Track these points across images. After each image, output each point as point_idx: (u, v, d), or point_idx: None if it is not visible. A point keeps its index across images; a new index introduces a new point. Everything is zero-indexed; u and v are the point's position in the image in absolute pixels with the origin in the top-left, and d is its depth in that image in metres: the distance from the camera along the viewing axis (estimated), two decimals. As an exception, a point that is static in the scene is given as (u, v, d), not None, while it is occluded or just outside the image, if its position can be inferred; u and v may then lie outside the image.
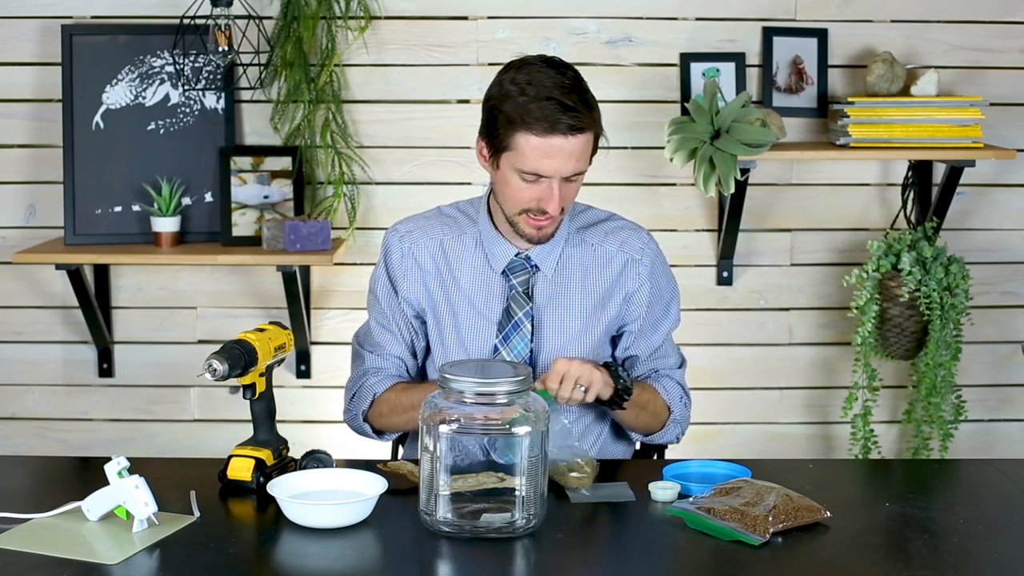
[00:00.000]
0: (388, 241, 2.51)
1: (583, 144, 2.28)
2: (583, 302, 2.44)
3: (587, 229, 2.48)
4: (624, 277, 2.46)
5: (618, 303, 2.46)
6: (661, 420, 2.48)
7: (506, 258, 2.43)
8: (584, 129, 2.27)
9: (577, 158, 2.28)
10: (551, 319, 2.43)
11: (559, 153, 2.26)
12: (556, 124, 2.24)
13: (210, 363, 2.11)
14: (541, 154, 2.26)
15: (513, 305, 2.42)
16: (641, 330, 2.49)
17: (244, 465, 2.16)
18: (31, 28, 3.59)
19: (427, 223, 2.51)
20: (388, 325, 2.50)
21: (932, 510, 2.11)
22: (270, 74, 3.54)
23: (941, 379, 3.49)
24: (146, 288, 3.68)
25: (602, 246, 2.46)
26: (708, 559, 1.92)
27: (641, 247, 2.48)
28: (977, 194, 3.69)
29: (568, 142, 2.26)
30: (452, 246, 2.47)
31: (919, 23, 3.62)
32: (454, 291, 2.45)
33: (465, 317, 2.44)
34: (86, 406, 3.72)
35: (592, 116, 2.28)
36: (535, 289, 2.43)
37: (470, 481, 2.00)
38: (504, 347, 2.42)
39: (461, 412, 1.97)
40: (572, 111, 2.25)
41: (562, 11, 3.60)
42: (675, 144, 3.39)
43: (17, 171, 3.64)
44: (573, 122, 2.25)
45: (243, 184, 3.55)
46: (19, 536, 1.95)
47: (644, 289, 2.47)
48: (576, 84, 2.29)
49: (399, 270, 2.48)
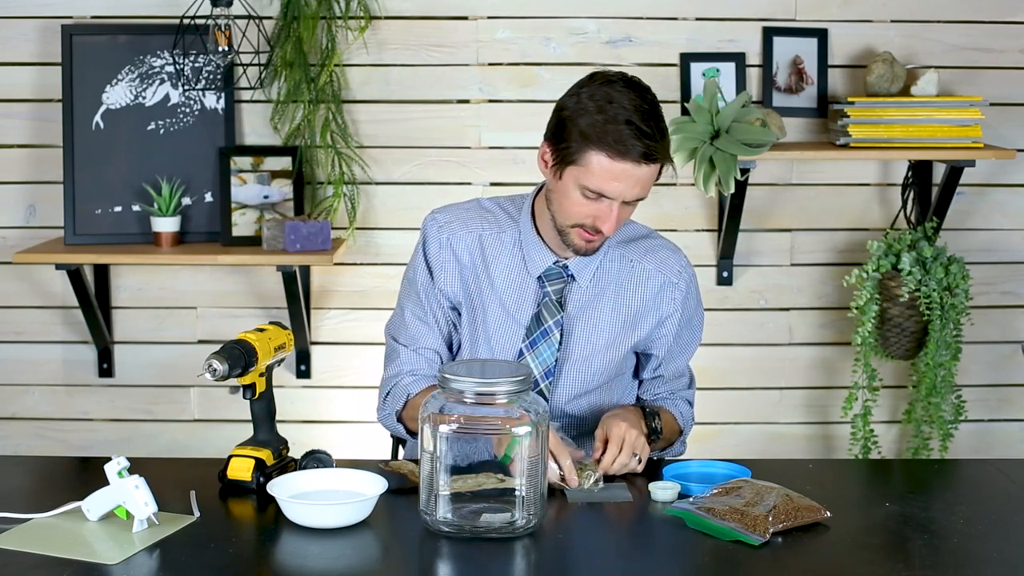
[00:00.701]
0: (427, 230, 2.48)
1: (652, 172, 2.27)
2: (614, 316, 2.44)
3: (627, 244, 2.47)
4: (660, 299, 2.46)
5: (651, 324, 2.46)
6: (671, 442, 2.50)
7: (544, 264, 2.42)
8: (656, 159, 2.25)
9: (643, 185, 2.27)
10: (581, 330, 2.42)
11: (628, 178, 2.24)
12: (631, 150, 2.22)
13: (210, 363, 2.11)
14: (610, 176, 2.24)
15: (544, 312, 2.41)
16: (670, 353, 2.51)
17: (244, 465, 2.16)
18: (31, 28, 3.59)
19: (466, 215, 2.48)
20: (425, 317, 2.47)
21: (932, 510, 2.11)
22: (270, 74, 3.54)
23: (941, 379, 3.49)
24: (146, 288, 3.68)
25: (641, 264, 2.45)
26: (708, 559, 1.92)
27: (679, 270, 2.48)
28: (977, 194, 3.69)
29: (639, 169, 2.24)
30: (490, 242, 2.45)
31: (919, 23, 3.62)
32: (487, 288, 2.44)
33: (494, 316, 2.43)
34: (86, 406, 3.72)
35: (664, 146, 2.27)
36: (568, 299, 2.42)
37: (470, 482, 2.00)
38: (530, 352, 2.41)
39: (461, 412, 1.97)
40: (648, 138, 2.23)
41: (562, 11, 3.60)
42: (675, 144, 3.39)
43: (17, 171, 3.65)
44: (647, 151, 2.23)
45: (243, 184, 3.55)
46: (19, 536, 1.95)
47: (677, 314, 2.48)
48: (653, 110, 2.27)
49: (436, 261, 2.46)
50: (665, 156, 2.27)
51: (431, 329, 2.46)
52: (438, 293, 2.45)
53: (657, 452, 2.46)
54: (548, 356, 2.41)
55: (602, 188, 2.25)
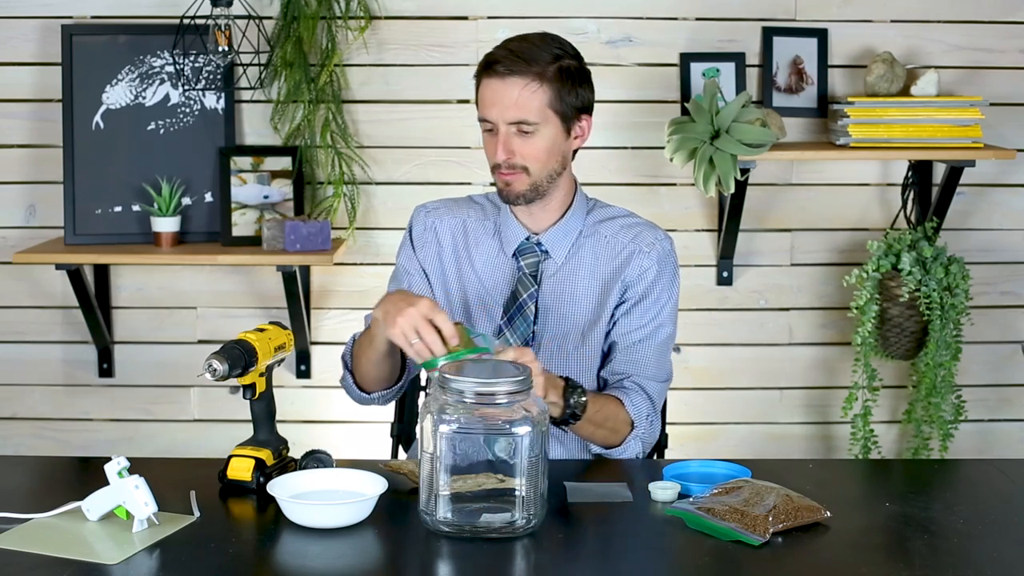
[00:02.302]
0: (414, 215, 2.56)
1: (522, 89, 2.32)
2: (589, 291, 2.45)
3: (604, 223, 2.49)
4: (627, 266, 2.44)
5: (617, 292, 2.44)
6: (621, 436, 2.38)
7: (516, 240, 2.45)
8: (516, 73, 2.32)
9: (519, 105, 2.32)
10: (556, 305, 2.44)
11: (497, 96, 2.33)
12: (493, 64, 2.34)
13: (210, 363, 2.11)
14: (485, 98, 2.35)
15: (519, 287, 2.44)
16: (624, 319, 2.44)
17: (244, 465, 2.16)
18: (31, 28, 3.59)
19: (456, 205, 2.56)
20: (401, 276, 2.52)
21: (932, 510, 2.11)
22: (270, 74, 3.54)
23: (941, 379, 3.49)
24: (146, 288, 3.68)
25: (615, 238, 2.47)
26: (708, 559, 1.92)
27: (652, 242, 2.47)
28: (977, 194, 3.69)
29: (505, 84, 2.32)
30: (474, 228, 2.51)
31: (919, 23, 3.62)
32: (468, 269, 2.48)
33: (474, 296, 2.47)
34: (86, 406, 3.72)
35: (533, 67, 2.32)
36: (543, 274, 2.45)
37: (470, 482, 2.00)
38: (508, 328, 2.42)
39: (461, 412, 1.97)
40: (513, 53, 2.32)
41: (562, 11, 3.60)
42: (675, 144, 3.39)
43: (17, 171, 3.65)
44: (508, 63, 2.32)
45: (243, 184, 3.55)
46: (19, 536, 1.95)
47: (642, 281, 2.43)
48: (536, 39, 2.36)
49: (419, 240, 2.52)
50: (530, 74, 2.32)
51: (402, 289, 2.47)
52: (416, 266, 2.51)
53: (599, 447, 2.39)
54: (525, 330, 2.42)
55: (484, 113, 2.36)
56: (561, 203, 2.46)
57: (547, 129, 2.35)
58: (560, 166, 2.40)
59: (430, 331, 2.12)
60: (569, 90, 2.36)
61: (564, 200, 2.46)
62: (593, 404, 2.30)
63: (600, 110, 3.55)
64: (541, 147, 2.36)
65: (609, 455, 2.40)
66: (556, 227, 2.45)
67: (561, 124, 2.37)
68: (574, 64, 2.38)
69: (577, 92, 2.37)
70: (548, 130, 2.35)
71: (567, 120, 2.37)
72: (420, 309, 2.13)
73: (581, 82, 2.39)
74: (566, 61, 2.36)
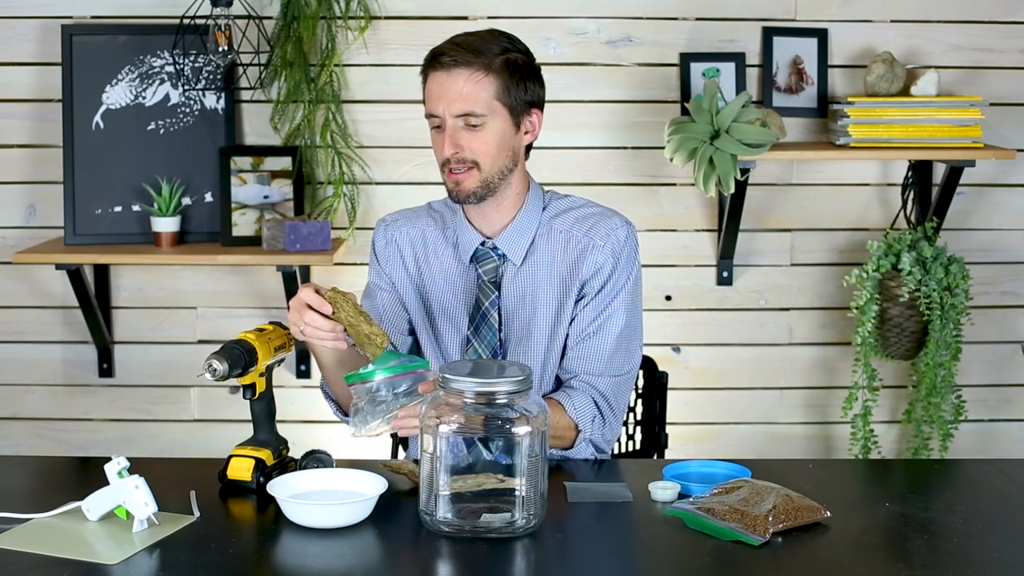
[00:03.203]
0: (376, 230, 2.54)
1: (467, 80, 2.29)
2: (550, 292, 2.40)
3: (558, 217, 2.43)
4: (581, 263, 2.39)
5: (575, 292, 2.39)
6: (568, 440, 2.35)
7: (472, 246, 2.42)
8: (462, 64, 2.29)
9: (465, 97, 2.29)
10: (519, 310, 2.40)
11: (443, 89, 2.30)
12: (438, 56, 2.31)
13: (210, 363, 2.11)
14: (431, 92, 2.33)
15: (480, 296, 2.41)
16: (580, 314, 2.39)
17: (244, 465, 2.16)
18: (31, 28, 3.59)
19: (414, 215, 2.52)
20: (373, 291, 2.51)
21: (932, 510, 2.11)
22: (270, 74, 3.54)
23: (941, 379, 3.49)
24: (146, 288, 3.68)
25: (570, 232, 2.41)
26: (708, 559, 1.92)
27: (606, 233, 2.39)
28: (977, 194, 3.69)
29: (451, 76, 2.30)
30: (432, 238, 2.47)
31: (919, 23, 3.62)
32: (430, 282, 2.46)
33: (439, 309, 2.44)
34: (86, 406, 3.72)
35: (479, 58, 2.30)
36: (503, 279, 2.41)
37: (470, 482, 2.00)
38: (476, 338, 2.40)
39: (461, 412, 1.97)
40: (458, 46, 2.30)
41: (562, 11, 3.60)
42: (675, 144, 3.39)
43: (17, 171, 3.65)
44: (454, 54, 2.29)
45: (243, 184, 3.55)
46: (19, 536, 1.95)
47: (598, 277, 2.38)
48: (484, 34, 2.34)
49: (383, 255, 2.50)
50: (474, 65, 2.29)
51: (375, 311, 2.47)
52: (386, 280, 2.49)
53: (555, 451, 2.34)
54: (492, 339, 2.40)
55: (430, 108, 2.34)
56: (514, 203, 2.40)
57: (495, 122, 2.31)
58: (511, 162, 2.35)
59: (306, 311, 2.14)
60: (517, 83, 2.32)
61: (516, 200, 2.41)
62: None
63: (600, 110, 3.59)
64: (490, 140, 2.31)
65: (565, 457, 2.36)
66: (509, 228, 2.40)
67: (510, 117, 2.32)
68: (522, 58, 2.34)
69: (526, 86, 2.34)
70: (496, 123, 2.31)
71: (516, 114, 2.33)
72: (296, 299, 2.16)
73: (529, 76, 2.35)
74: (513, 55, 2.33)
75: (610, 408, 2.39)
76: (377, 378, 2.11)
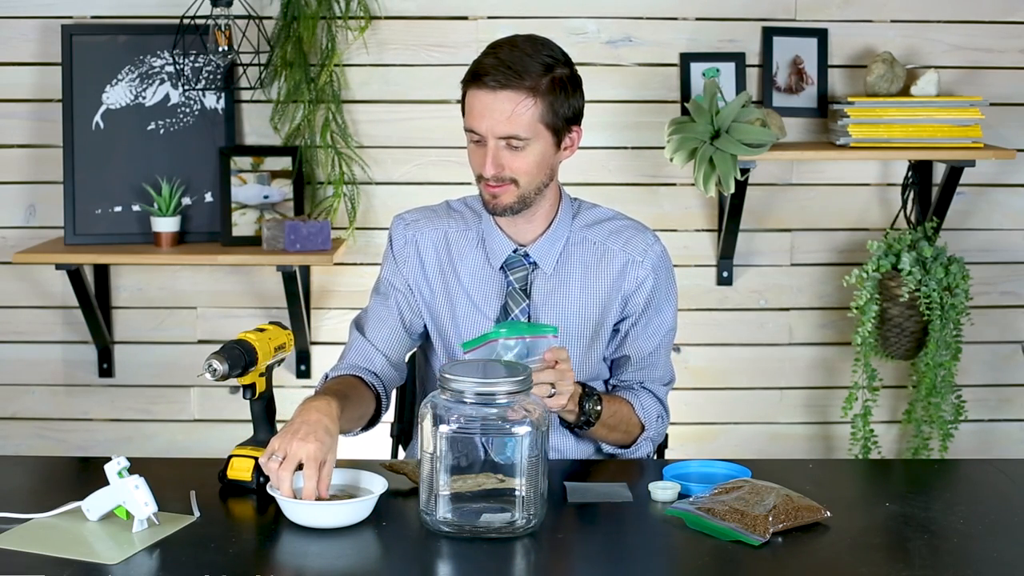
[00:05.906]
0: (393, 228, 2.50)
1: (513, 104, 2.26)
2: (583, 301, 2.42)
3: (591, 227, 2.45)
4: (623, 279, 2.42)
5: (618, 306, 2.43)
6: (632, 437, 2.43)
7: (504, 253, 2.41)
8: (508, 88, 2.26)
9: (509, 119, 2.27)
10: (549, 318, 2.40)
11: (488, 110, 2.27)
12: (482, 76, 2.28)
13: (210, 363, 2.11)
14: (475, 110, 2.30)
15: (510, 302, 2.40)
16: (634, 332, 2.45)
17: (244, 465, 2.16)
18: (31, 28, 3.59)
19: (434, 215, 2.50)
20: (387, 291, 2.47)
21: (932, 510, 2.11)
22: (270, 74, 3.54)
23: (941, 379, 3.49)
24: (146, 288, 3.68)
25: (605, 244, 2.43)
26: (708, 559, 1.92)
27: (644, 248, 2.43)
28: (977, 194, 3.69)
29: (496, 98, 2.27)
30: (456, 240, 2.45)
31: (919, 23, 3.62)
32: (454, 284, 2.43)
33: (463, 312, 2.43)
34: (86, 406, 3.72)
35: (525, 80, 2.26)
36: (533, 286, 2.41)
37: (470, 482, 2.00)
38: None
39: (461, 412, 1.97)
40: (503, 67, 2.26)
41: (562, 11, 3.60)
42: (675, 144, 3.39)
43: (17, 171, 3.65)
44: (499, 76, 2.25)
45: (243, 184, 3.55)
46: (19, 536, 1.95)
47: (641, 292, 2.42)
48: (527, 47, 2.29)
49: (401, 256, 2.47)
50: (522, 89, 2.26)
51: (390, 308, 2.45)
52: (402, 281, 2.46)
53: (611, 447, 2.42)
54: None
55: (472, 125, 2.30)
56: (547, 213, 2.41)
57: (537, 144, 2.30)
58: (548, 178, 2.36)
59: (288, 469, 1.99)
60: (562, 102, 2.30)
61: (549, 211, 2.41)
62: (607, 409, 2.34)
63: (600, 110, 3.59)
64: (531, 160, 2.30)
65: (621, 455, 2.44)
66: (544, 238, 2.41)
67: (552, 137, 2.32)
68: (566, 73, 2.31)
69: (569, 103, 2.32)
70: (538, 144, 2.30)
71: (558, 132, 2.32)
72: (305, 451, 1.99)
73: (573, 90, 2.33)
74: (558, 71, 2.29)
75: (665, 410, 2.51)
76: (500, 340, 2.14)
